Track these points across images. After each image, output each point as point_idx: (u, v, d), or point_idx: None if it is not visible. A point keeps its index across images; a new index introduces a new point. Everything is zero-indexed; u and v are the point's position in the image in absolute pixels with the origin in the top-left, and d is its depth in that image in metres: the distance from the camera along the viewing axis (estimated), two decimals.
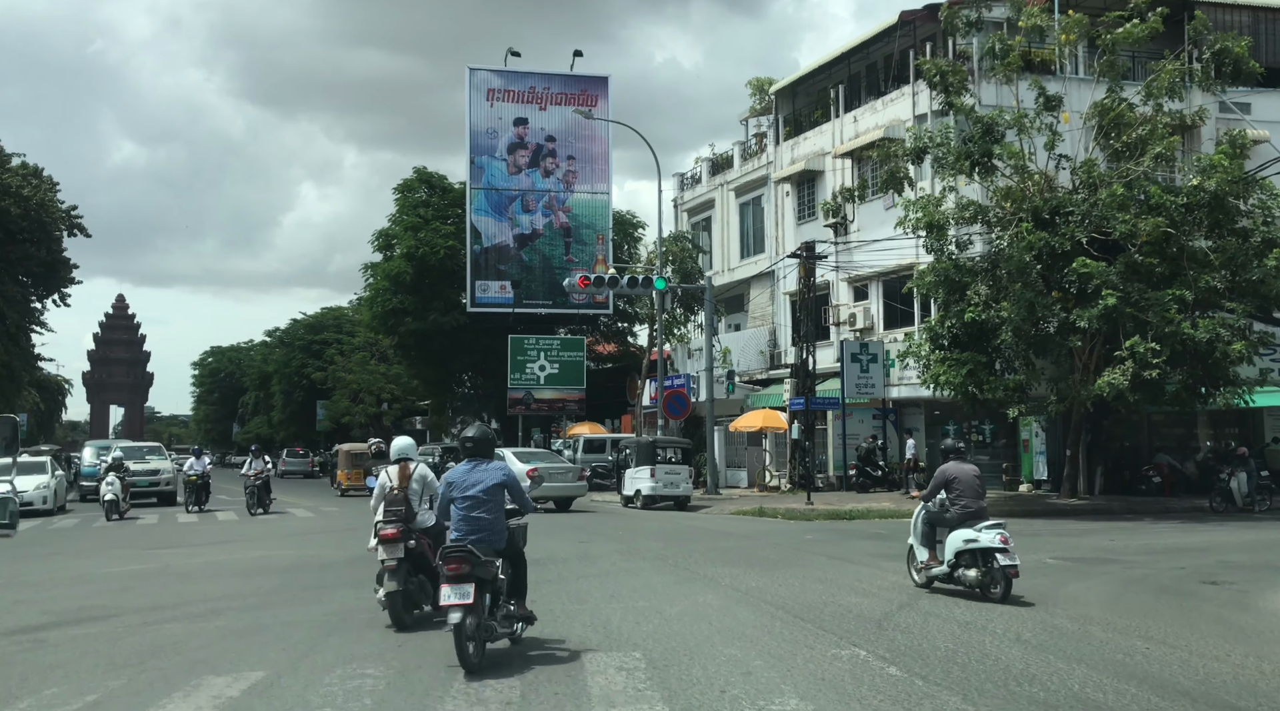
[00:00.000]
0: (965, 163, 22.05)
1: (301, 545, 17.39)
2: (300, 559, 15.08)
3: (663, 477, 24.89)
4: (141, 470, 28.77)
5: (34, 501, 24.98)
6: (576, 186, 41.27)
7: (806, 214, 34.43)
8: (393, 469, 9.37)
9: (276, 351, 70.27)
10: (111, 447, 31.28)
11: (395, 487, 9.20)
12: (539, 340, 39.34)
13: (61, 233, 44.96)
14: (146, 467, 29.47)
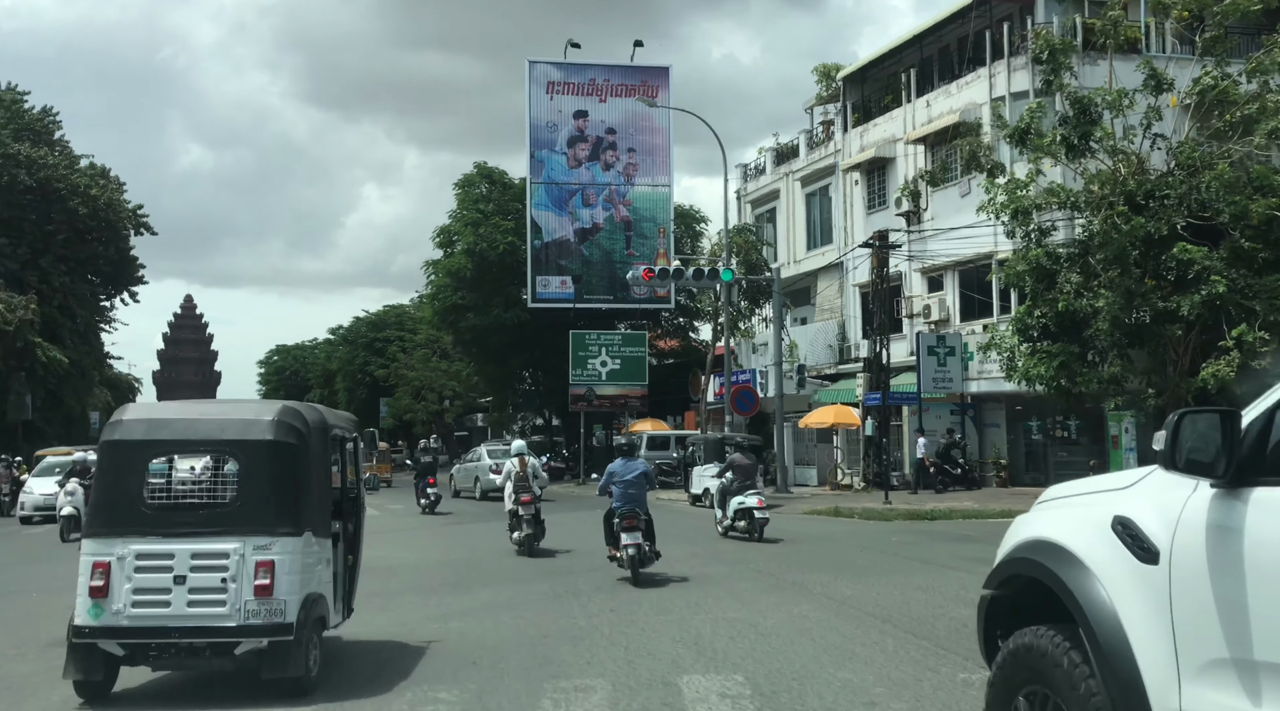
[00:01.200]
0: (1060, 145, 20.74)
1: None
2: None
3: None
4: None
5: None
6: (637, 179, 40.43)
7: (876, 203, 33.19)
8: (515, 460, 15.48)
9: (340, 349, 70.54)
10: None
11: (520, 472, 15.06)
12: (600, 335, 38.58)
13: (129, 231, 45.33)
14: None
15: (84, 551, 6.43)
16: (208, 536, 6.39)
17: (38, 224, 40.24)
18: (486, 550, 15.55)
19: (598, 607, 9.85)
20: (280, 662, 6.32)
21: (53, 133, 43.78)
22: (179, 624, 6.28)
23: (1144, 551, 3.06)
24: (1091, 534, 3.28)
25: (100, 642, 6.29)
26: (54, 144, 43.37)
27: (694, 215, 42.69)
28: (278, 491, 6.57)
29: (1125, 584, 3.08)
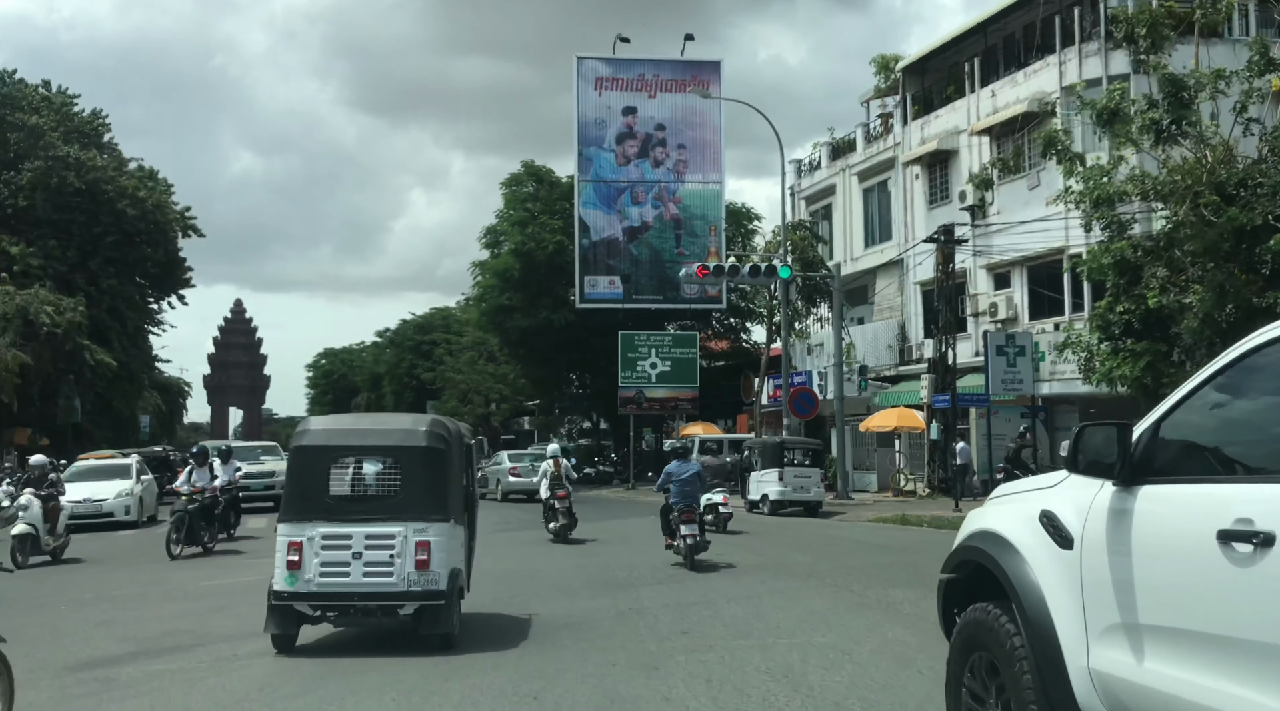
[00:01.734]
0: (1147, 131, 19.45)
1: None
2: None
3: (792, 481, 22.89)
4: (256, 473, 24.00)
5: (114, 511, 21.58)
6: (687, 176, 39.47)
7: (939, 197, 31.96)
8: (550, 461, 17.99)
9: (387, 352, 70.37)
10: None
11: (555, 472, 17.41)
12: (650, 336, 37.66)
13: (177, 234, 45.22)
14: (260, 468, 25.10)
15: (280, 533, 8.06)
16: (378, 522, 8.01)
17: (86, 226, 40.18)
18: (533, 557, 14.71)
19: (667, 629, 8.91)
20: (434, 621, 8.00)
21: (101, 135, 43.80)
22: (357, 590, 7.95)
23: (1062, 539, 3.75)
24: (1023, 525, 3.94)
25: (295, 604, 7.89)
26: (103, 147, 43.37)
27: (746, 213, 41.65)
28: (431, 486, 8.21)
29: (1048, 565, 3.76)
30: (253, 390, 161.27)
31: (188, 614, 10.29)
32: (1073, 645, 3.63)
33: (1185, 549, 3.19)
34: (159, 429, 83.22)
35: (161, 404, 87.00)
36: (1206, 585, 3.09)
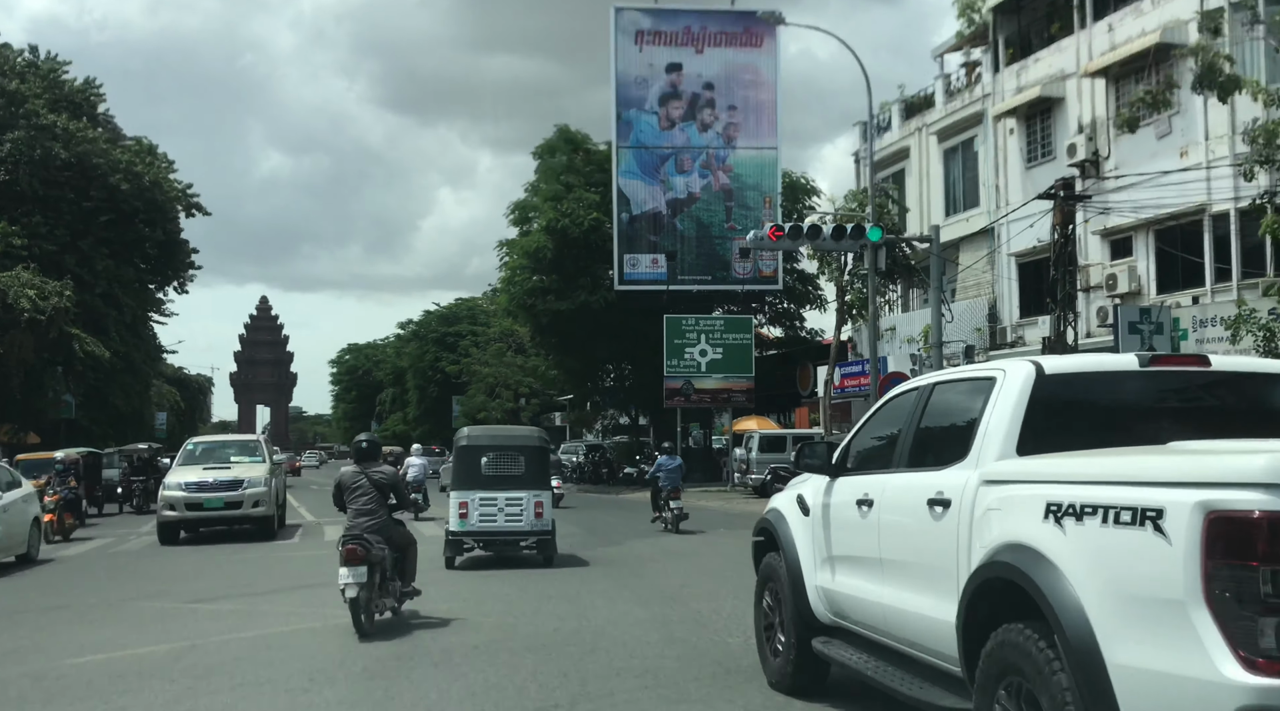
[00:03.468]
0: None
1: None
2: None
3: None
4: (216, 483, 17.50)
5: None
6: (739, 141, 35.06)
7: (1039, 154, 27.35)
8: None
9: (410, 345, 66.46)
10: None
11: None
12: (699, 321, 33.27)
13: (178, 213, 41.36)
14: (224, 477, 17.71)
15: (452, 497, 13.39)
16: (512, 489, 13.34)
17: (76, 203, 36.37)
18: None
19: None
20: (545, 548, 13.50)
21: (95, 106, 39.97)
22: (500, 529, 13.33)
23: (805, 510, 6.41)
24: (788, 504, 6.68)
25: (463, 540, 13.36)
26: (96, 118, 39.53)
27: (803, 185, 37.09)
28: (540, 469, 13.72)
29: (798, 527, 6.48)
30: (279, 388, 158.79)
31: None
32: (809, 572, 6.31)
33: (847, 512, 5.77)
34: (178, 425, 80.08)
35: (180, 400, 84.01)
36: (853, 531, 5.73)
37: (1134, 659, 3.33)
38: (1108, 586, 3.49)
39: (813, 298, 37.45)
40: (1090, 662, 3.45)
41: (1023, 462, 4.31)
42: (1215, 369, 4.82)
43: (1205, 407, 4.82)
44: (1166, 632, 3.21)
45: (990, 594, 4.08)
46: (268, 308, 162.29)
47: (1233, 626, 3.04)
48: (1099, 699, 3.40)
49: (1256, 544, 3.01)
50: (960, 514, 4.46)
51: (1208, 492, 3.15)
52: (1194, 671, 3.10)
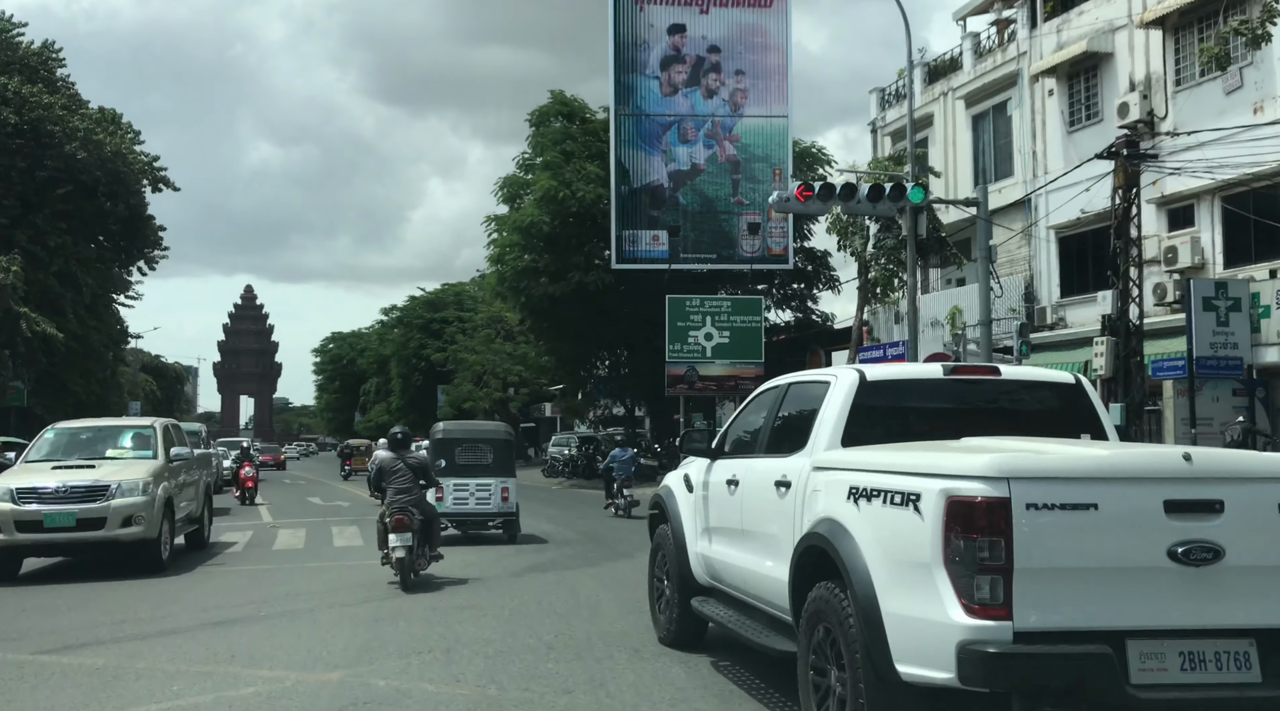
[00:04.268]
0: None
1: None
2: None
3: None
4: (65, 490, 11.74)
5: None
6: (747, 109, 32.26)
7: (1083, 116, 24.69)
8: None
9: (394, 332, 63.46)
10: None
11: None
12: (705, 302, 30.48)
13: (143, 187, 38.29)
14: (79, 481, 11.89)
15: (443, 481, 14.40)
16: (481, 476, 15.24)
17: (28, 172, 33.32)
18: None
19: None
20: (509, 527, 15.44)
21: (53, 70, 36.85)
22: (471, 511, 15.21)
23: (690, 488, 7.35)
24: (677, 482, 7.67)
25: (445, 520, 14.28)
26: (55, 84, 36.42)
27: (818, 155, 34.25)
28: (506, 459, 15.64)
29: (683, 502, 7.45)
30: (264, 378, 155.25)
31: None
32: (691, 541, 7.20)
33: (720, 490, 6.69)
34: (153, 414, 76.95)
35: (157, 389, 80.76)
36: (724, 506, 6.64)
37: (899, 607, 4.35)
38: (884, 553, 4.51)
39: (824, 278, 34.69)
40: (871, 610, 4.48)
41: (841, 453, 5.34)
42: (1004, 377, 5.91)
43: (995, 409, 5.76)
44: (919, 587, 4.22)
45: (810, 558, 5.10)
46: (253, 296, 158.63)
47: (959, 582, 4.05)
48: (876, 638, 4.43)
49: (977, 521, 4.02)
50: (796, 493, 5.49)
51: (949, 483, 4.14)
52: (935, 616, 4.12)
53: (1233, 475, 4.22)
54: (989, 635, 3.93)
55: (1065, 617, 4.00)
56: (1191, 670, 4.00)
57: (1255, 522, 4.08)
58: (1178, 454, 4.19)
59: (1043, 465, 4.17)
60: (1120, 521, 4.01)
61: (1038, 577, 3.98)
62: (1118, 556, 4.02)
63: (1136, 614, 4.01)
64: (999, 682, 3.96)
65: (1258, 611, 4.08)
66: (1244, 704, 4.05)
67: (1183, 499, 4.04)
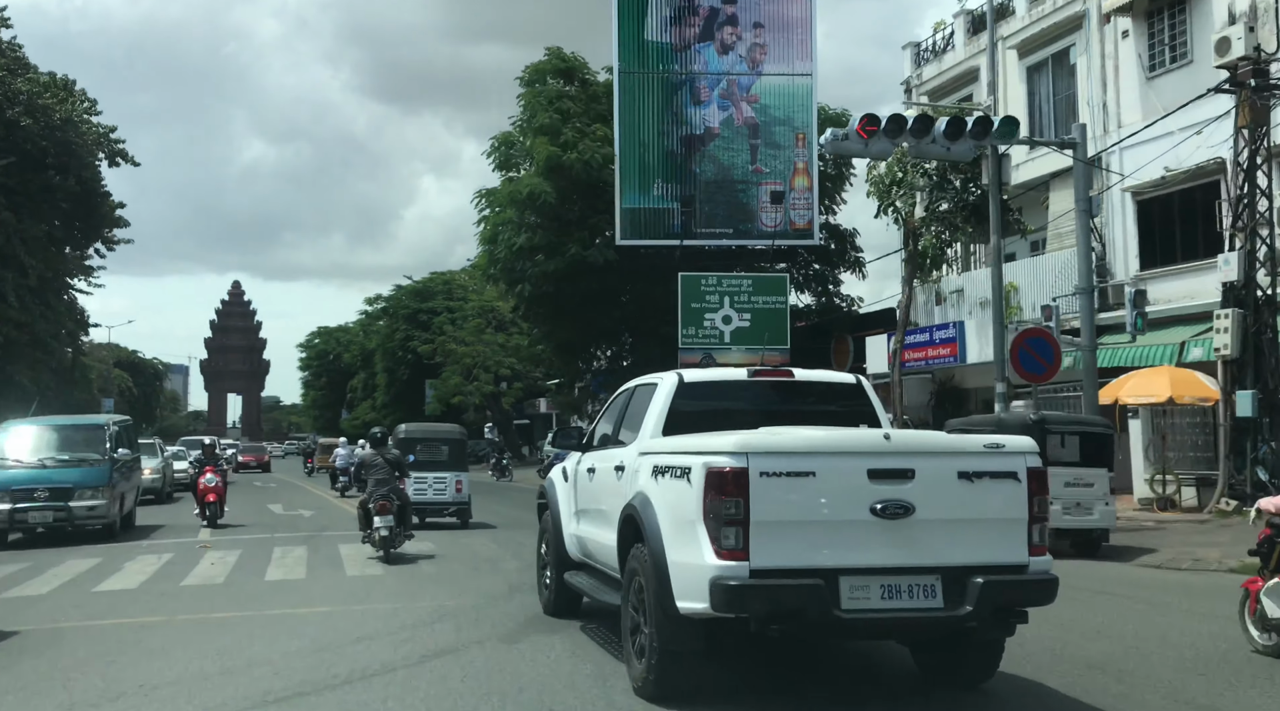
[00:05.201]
0: None
1: None
2: None
3: (1065, 494, 12.05)
4: None
5: None
6: (766, 66, 28.54)
7: (1166, 59, 21.07)
8: None
9: (379, 324, 59.58)
10: None
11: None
12: (722, 280, 26.74)
13: (98, 160, 34.44)
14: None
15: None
16: (438, 470, 17.16)
17: None
18: None
19: None
20: (462, 514, 17.46)
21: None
22: (429, 500, 16.88)
23: (566, 478, 8.18)
24: (559, 473, 8.51)
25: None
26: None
27: (845, 120, 30.46)
28: (460, 456, 17.75)
29: (561, 489, 8.26)
30: (252, 375, 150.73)
31: None
32: (566, 522, 8.01)
33: (584, 477, 7.60)
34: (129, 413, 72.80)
35: (133, 385, 76.70)
36: (587, 490, 7.53)
37: (677, 557, 5.45)
38: (670, 515, 5.62)
39: (849, 258, 30.99)
40: (660, 560, 5.59)
41: (656, 440, 6.41)
42: (798, 379, 7.18)
43: (791, 405, 6.94)
44: (689, 540, 5.31)
45: (629, 525, 6.15)
46: (240, 292, 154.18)
47: (713, 533, 5.15)
48: (662, 581, 5.51)
49: (725, 486, 5.14)
50: (627, 475, 6.48)
51: (708, 458, 5.23)
52: (697, 560, 5.20)
53: (922, 450, 5.47)
54: (732, 573, 5.10)
55: (790, 558, 5.16)
56: (890, 599, 5.20)
57: (939, 487, 5.28)
58: (879, 434, 5.57)
59: (773, 443, 5.33)
60: (833, 485, 5.22)
61: (769, 528, 5.15)
62: (832, 512, 5.22)
63: (846, 556, 5.21)
64: (739, 609, 5.16)
65: (941, 553, 5.27)
66: (929, 623, 5.35)
67: (882, 468, 5.23)
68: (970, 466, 5.30)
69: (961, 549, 5.26)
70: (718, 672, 5.97)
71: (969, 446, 5.55)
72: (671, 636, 5.51)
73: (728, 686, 6.02)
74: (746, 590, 5.03)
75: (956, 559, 5.23)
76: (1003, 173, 16.17)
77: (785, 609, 5.09)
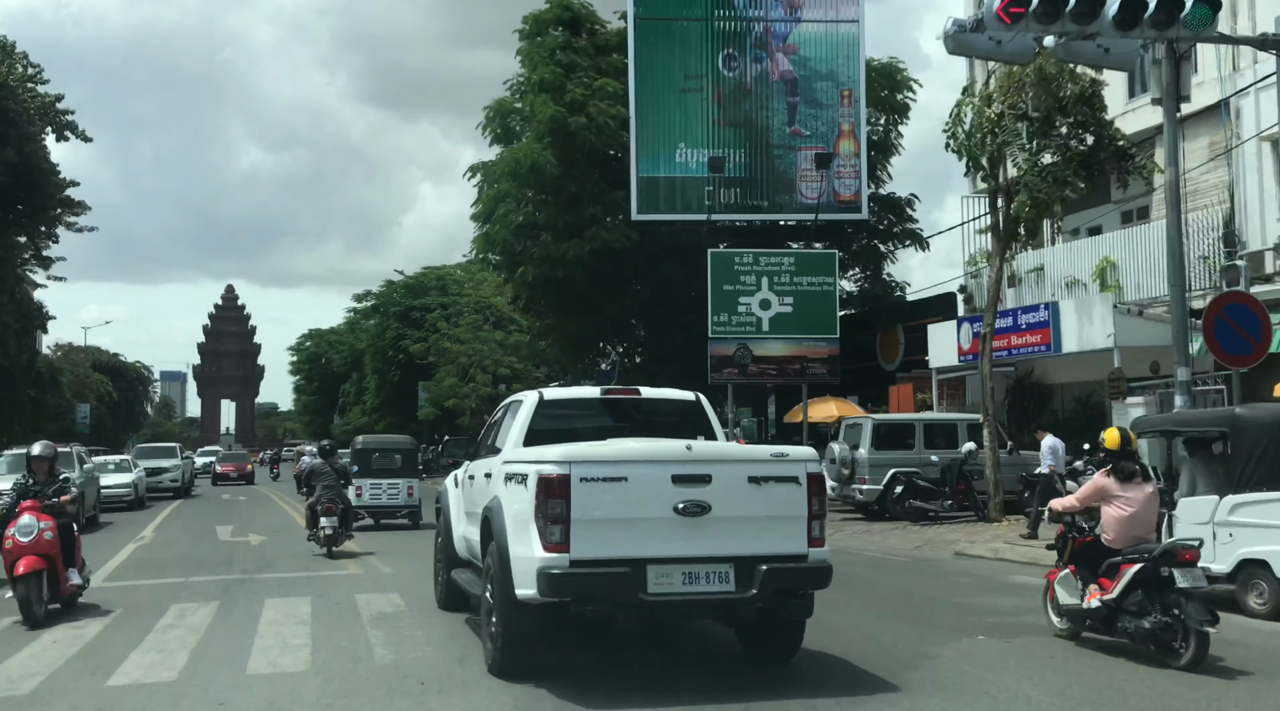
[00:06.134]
0: None
1: None
2: None
3: None
4: None
5: None
6: (806, 12, 24.41)
7: None
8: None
9: (370, 322, 55.25)
10: None
11: None
12: (759, 258, 22.50)
13: (42, 132, 30.22)
14: None
15: (355, 482, 17.18)
16: (392, 477, 18.80)
17: None
18: None
19: None
20: (413, 516, 18.90)
21: None
22: (383, 504, 18.65)
23: (457, 483, 9.10)
24: (451, 480, 9.43)
25: (359, 512, 16.57)
26: None
27: (893, 74, 26.21)
28: (411, 464, 19.50)
29: (453, 495, 9.17)
30: (245, 382, 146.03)
31: None
32: (455, 524, 8.68)
33: (467, 483, 8.38)
34: (109, 419, 68.30)
35: (113, 390, 72.17)
36: (468, 495, 8.24)
37: (517, 551, 6.32)
38: (513, 515, 6.49)
39: (903, 233, 26.71)
40: (504, 554, 6.45)
41: (516, 451, 7.26)
42: (643, 396, 8.20)
43: (637, 419, 7.99)
44: (526, 536, 6.22)
45: (486, 524, 7.00)
46: (234, 297, 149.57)
47: (542, 529, 6.09)
48: (505, 572, 6.36)
49: (552, 490, 6.05)
50: (492, 481, 7.26)
51: (541, 466, 6.19)
52: (531, 553, 6.14)
53: (718, 458, 6.51)
54: (555, 563, 5.99)
55: (604, 551, 6.06)
56: (690, 584, 6.13)
57: (732, 489, 6.24)
58: (683, 445, 6.48)
59: (592, 453, 6.32)
60: (642, 488, 6.16)
61: (587, 525, 6.04)
62: (641, 511, 6.13)
63: (653, 548, 6.10)
64: (561, 593, 6.03)
65: (734, 545, 6.20)
66: (722, 604, 6.32)
67: (684, 474, 6.19)
68: (759, 472, 6.34)
69: (751, 541, 6.25)
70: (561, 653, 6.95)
71: (758, 455, 6.63)
72: (514, 620, 6.41)
73: (566, 664, 6.87)
74: (566, 577, 6.02)
75: (746, 550, 6.22)
76: (1182, 81, 11.87)
77: (598, 593, 6.09)
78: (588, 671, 6.84)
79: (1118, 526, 7.22)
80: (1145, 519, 7.33)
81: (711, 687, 6.33)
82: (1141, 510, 7.26)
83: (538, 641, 6.50)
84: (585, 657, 7.16)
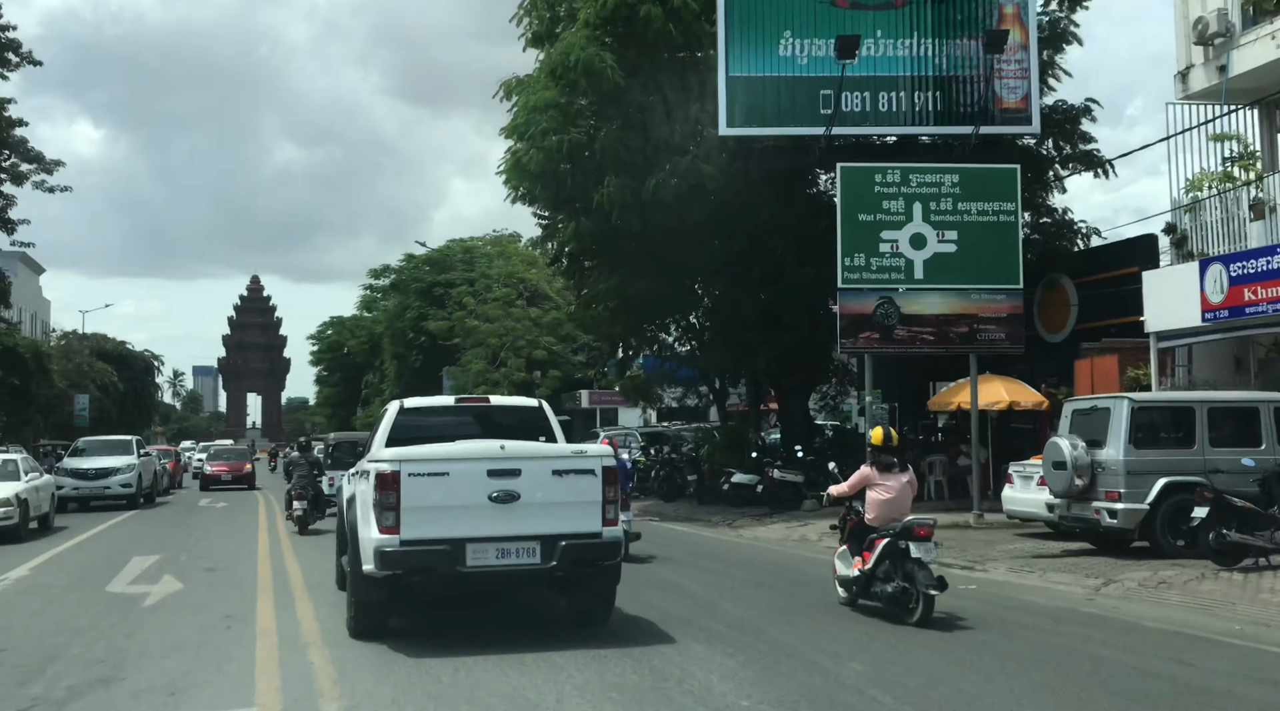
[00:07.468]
0: None
1: None
2: None
3: None
4: None
5: None
6: None
7: None
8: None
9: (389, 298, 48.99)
10: None
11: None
12: (908, 174, 15.87)
13: None
14: None
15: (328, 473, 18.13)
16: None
17: None
18: None
19: None
20: None
21: None
22: None
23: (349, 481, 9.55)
24: (346, 479, 9.94)
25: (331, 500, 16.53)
26: None
27: None
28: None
29: (347, 488, 9.55)
30: (271, 374, 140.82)
31: None
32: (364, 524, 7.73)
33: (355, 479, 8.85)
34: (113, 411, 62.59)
35: (118, 379, 66.42)
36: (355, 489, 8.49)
37: (363, 533, 7.52)
38: (363, 505, 7.63)
39: (1076, 156, 19.81)
40: (356, 537, 7.73)
41: (379, 451, 8.01)
42: (492, 404, 9.58)
43: (488, 423, 9.05)
44: (369, 521, 7.37)
45: (352, 512, 8.18)
46: (259, 288, 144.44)
47: (378, 516, 7.24)
48: (356, 552, 7.65)
49: (386, 484, 7.21)
50: (364, 478, 7.98)
51: (380, 465, 7.34)
52: (371, 535, 7.29)
53: (527, 456, 7.61)
54: (388, 543, 7.20)
55: (429, 532, 7.24)
56: (502, 558, 7.36)
57: (539, 480, 7.45)
58: (497, 445, 7.67)
59: (419, 453, 7.46)
60: (462, 481, 7.35)
61: (415, 512, 7.22)
62: (461, 499, 7.32)
63: (471, 529, 7.31)
64: (393, 567, 7.25)
65: (540, 526, 7.40)
66: (530, 574, 7.54)
67: (497, 468, 7.39)
68: (562, 466, 7.59)
69: (554, 522, 7.43)
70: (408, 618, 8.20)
71: (562, 452, 8.03)
72: (363, 590, 7.60)
73: (411, 627, 8.05)
74: (396, 554, 7.19)
75: (550, 529, 7.40)
76: None
77: (422, 566, 7.29)
78: (432, 632, 8.01)
79: (877, 508, 8.55)
80: (901, 503, 8.58)
81: (537, 643, 7.45)
82: (897, 496, 8.58)
83: (385, 608, 7.70)
84: (435, 620, 8.46)
